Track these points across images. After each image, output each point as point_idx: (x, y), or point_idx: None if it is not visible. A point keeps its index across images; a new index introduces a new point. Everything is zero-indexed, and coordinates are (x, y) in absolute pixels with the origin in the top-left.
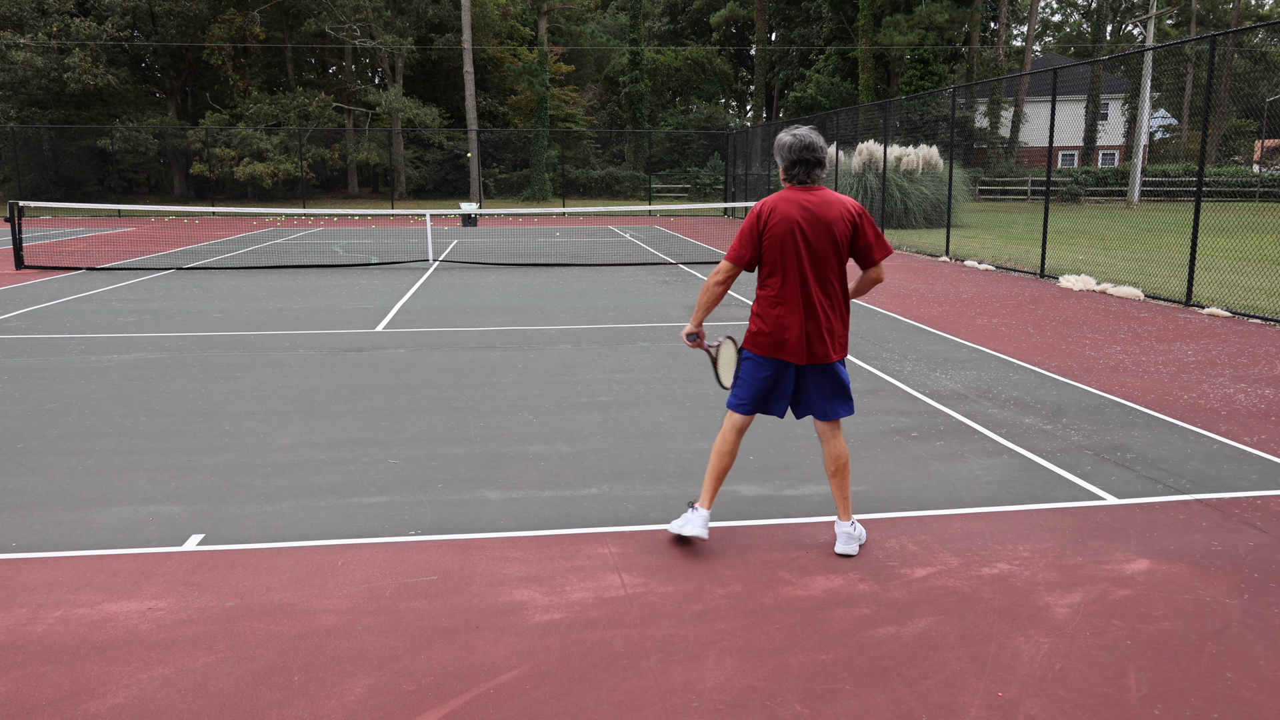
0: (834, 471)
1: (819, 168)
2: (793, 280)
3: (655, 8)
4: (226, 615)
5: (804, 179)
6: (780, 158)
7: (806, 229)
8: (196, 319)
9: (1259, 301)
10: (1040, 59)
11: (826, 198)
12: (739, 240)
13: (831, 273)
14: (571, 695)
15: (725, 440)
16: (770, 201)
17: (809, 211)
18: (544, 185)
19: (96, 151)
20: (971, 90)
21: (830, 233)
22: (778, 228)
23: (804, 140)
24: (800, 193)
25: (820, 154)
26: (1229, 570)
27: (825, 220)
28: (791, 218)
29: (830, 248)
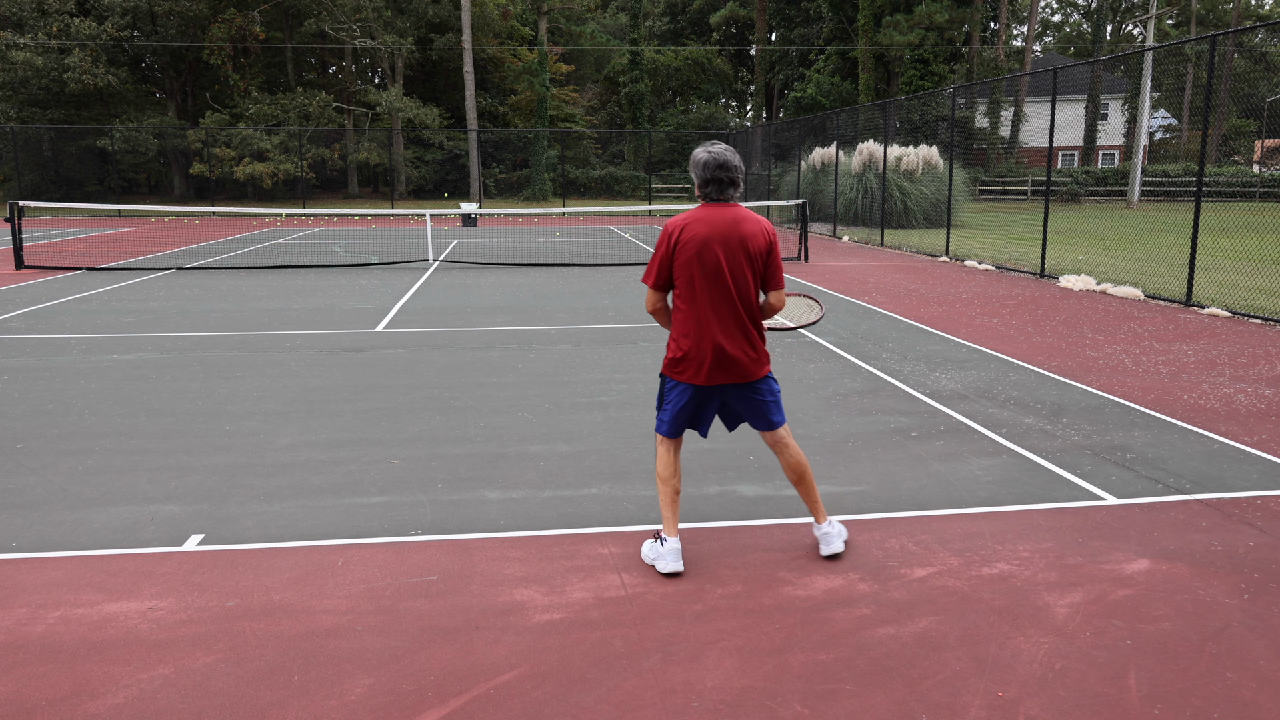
0: (796, 480)
1: (732, 187)
2: (705, 300)
3: (655, 8)
4: (226, 615)
5: (716, 197)
6: (694, 174)
7: (718, 248)
8: (196, 319)
9: (1259, 301)
10: (1040, 59)
11: (739, 215)
12: (651, 262)
13: (747, 290)
14: (571, 695)
15: (665, 464)
16: (680, 221)
17: (720, 230)
18: (544, 185)
19: (96, 151)
20: (971, 90)
21: (744, 250)
22: (688, 248)
23: (718, 159)
24: (712, 210)
25: (734, 174)
26: (1229, 570)
27: (738, 237)
28: (701, 237)
29: (744, 265)
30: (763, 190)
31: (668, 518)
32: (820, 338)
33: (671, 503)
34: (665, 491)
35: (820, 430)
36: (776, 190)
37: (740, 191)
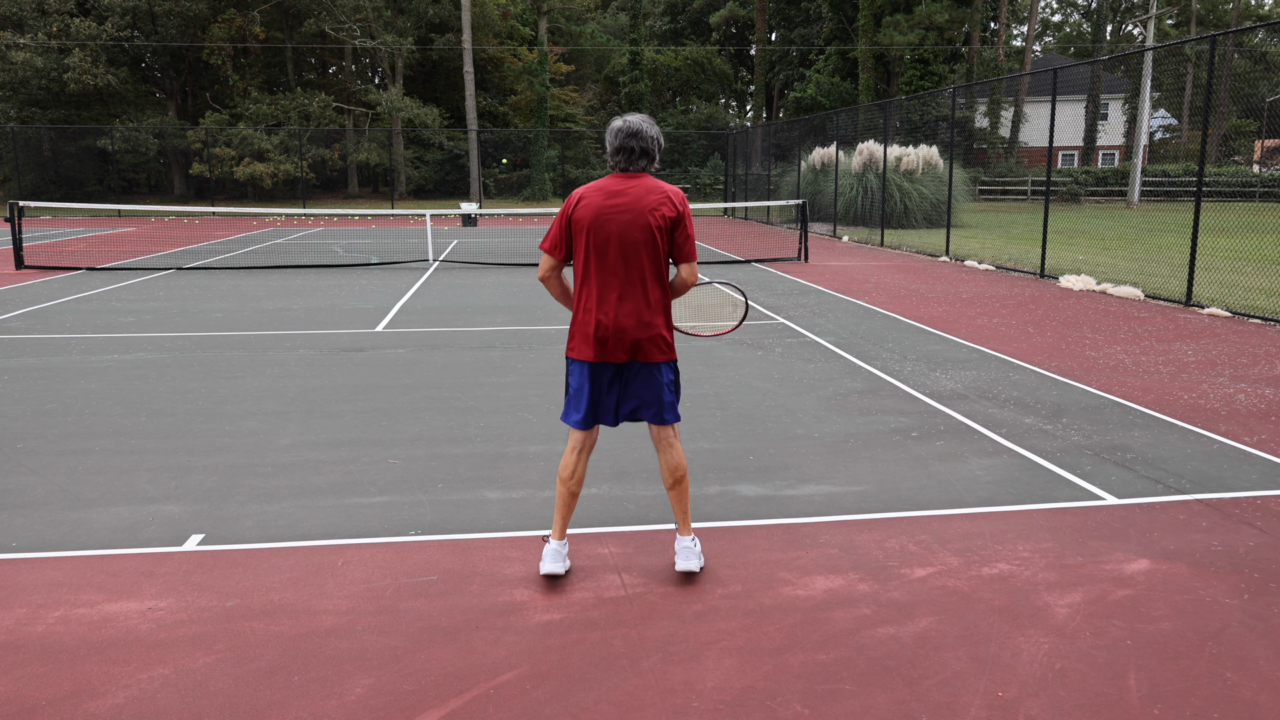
0: (671, 484)
1: (644, 158)
2: (601, 273)
3: (655, 8)
4: (226, 615)
5: (624, 167)
6: (607, 142)
7: (616, 218)
8: (196, 319)
9: (1259, 301)
10: (1040, 59)
11: (645, 185)
12: (551, 228)
13: (646, 265)
14: (571, 695)
15: (565, 462)
16: (582, 191)
17: (620, 200)
18: (544, 185)
19: (96, 151)
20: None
21: (645, 223)
22: (584, 217)
23: (631, 127)
24: (618, 180)
25: (646, 143)
26: (1229, 570)
27: (639, 209)
28: (598, 206)
29: (643, 238)
30: (763, 190)
31: (556, 520)
32: (820, 338)
33: (564, 505)
34: (561, 493)
35: (820, 430)
36: (776, 190)
37: (654, 163)
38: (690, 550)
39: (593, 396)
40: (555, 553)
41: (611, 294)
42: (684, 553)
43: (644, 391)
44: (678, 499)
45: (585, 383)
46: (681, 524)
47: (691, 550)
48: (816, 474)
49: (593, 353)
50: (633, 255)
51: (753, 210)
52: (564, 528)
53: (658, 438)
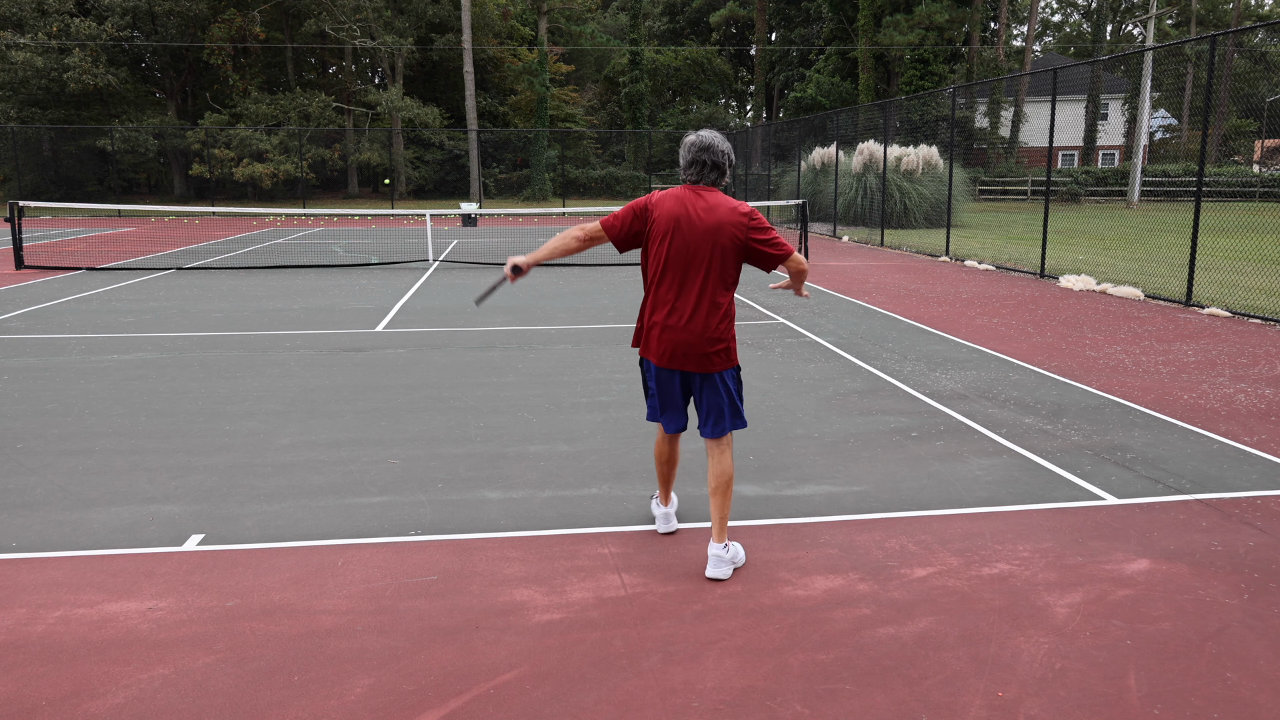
0: (715, 489)
1: (714, 171)
2: (672, 283)
3: (655, 8)
4: (226, 615)
5: (695, 179)
6: (681, 157)
7: (687, 231)
8: (196, 319)
9: (1259, 301)
10: (1040, 59)
11: (714, 201)
12: (621, 212)
13: (712, 279)
14: (571, 695)
15: (660, 450)
16: (658, 195)
17: (692, 214)
18: (544, 185)
19: (96, 151)
20: (971, 90)
21: (714, 239)
22: (660, 223)
23: (704, 142)
24: (690, 193)
25: (718, 158)
26: (1229, 570)
27: (708, 225)
28: (674, 215)
29: (711, 254)
30: (763, 190)
31: (661, 488)
32: (820, 337)
33: (664, 477)
34: (660, 471)
35: (820, 430)
36: (776, 190)
37: (725, 178)
38: (720, 558)
39: (664, 396)
40: (666, 515)
41: (678, 304)
42: (714, 560)
43: (708, 400)
44: (718, 505)
45: (659, 384)
46: (718, 530)
47: (722, 558)
48: (816, 474)
49: (661, 360)
50: (700, 269)
51: None
52: (668, 493)
53: (710, 446)
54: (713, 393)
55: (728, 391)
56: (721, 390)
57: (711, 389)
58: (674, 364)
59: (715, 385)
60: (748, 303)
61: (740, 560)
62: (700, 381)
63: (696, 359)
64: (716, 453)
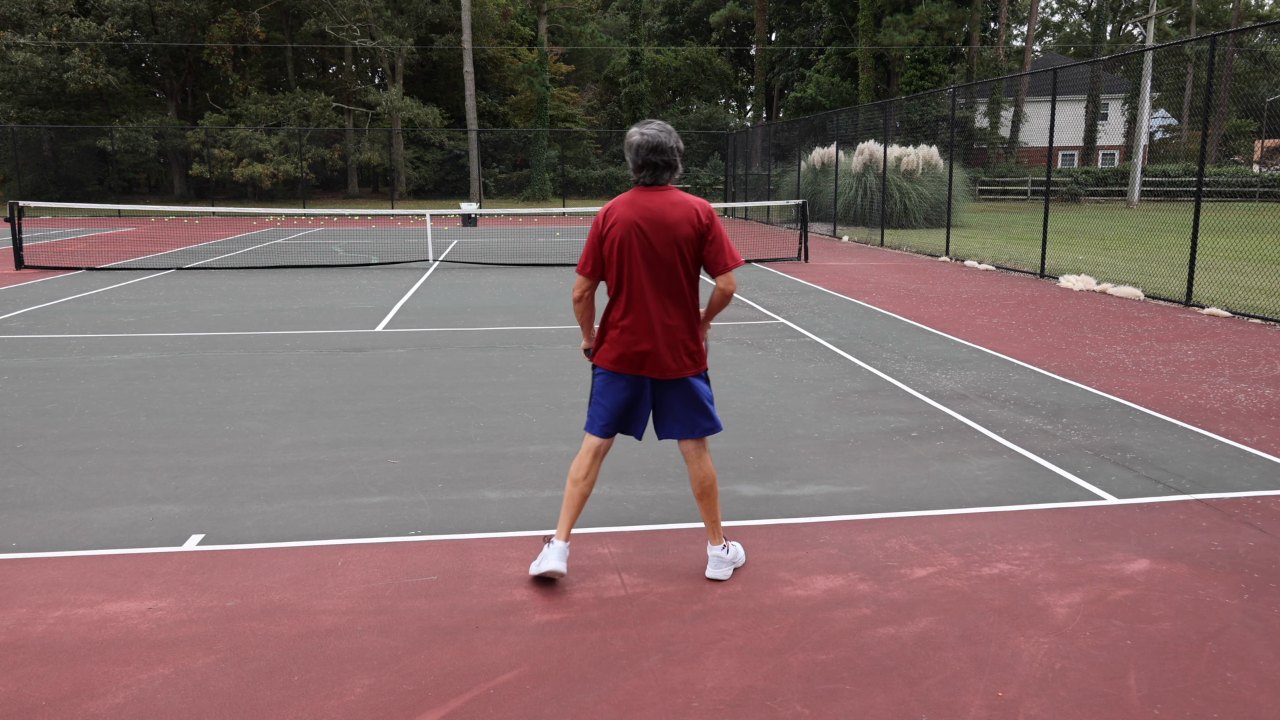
0: (700, 493)
1: (667, 171)
2: (634, 289)
3: (655, 8)
4: (226, 615)
5: (649, 182)
6: (628, 158)
7: (648, 234)
8: (196, 319)
9: (1259, 301)
10: (1040, 59)
11: (672, 199)
12: (585, 250)
13: (678, 281)
14: (571, 695)
15: (580, 465)
16: (610, 205)
17: (650, 215)
18: (544, 185)
19: (96, 151)
20: (971, 90)
21: (673, 237)
22: (615, 232)
23: (651, 141)
24: (644, 194)
25: (669, 156)
26: (1229, 570)
27: (667, 224)
28: (630, 222)
29: (674, 254)
30: (763, 190)
31: (564, 520)
32: (820, 337)
33: (573, 507)
34: (571, 493)
35: (820, 430)
36: (776, 190)
37: (678, 174)
38: (720, 559)
39: (621, 408)
40: (561, 551)
41: (643, 310)
42: (714, 561)
43: (677, 406)
44: (707, 509)
45: (610, 392)
46: (712, 533)
47: (722, 559)
48: (816, 474)
49: (625, 366)
50: (662, 271)
51: (753, 210)
52: (569, 529)
53: (686, 450)
54: (684, 397)
55: (698, 395)
56: (692, 395)
57: (681, 394)
58: (637, 370)
59: (685, 390)
60: (748, 303)
61: (740, 560)
62: (669, 387)
63: (665, 364)
64: (694, 457)
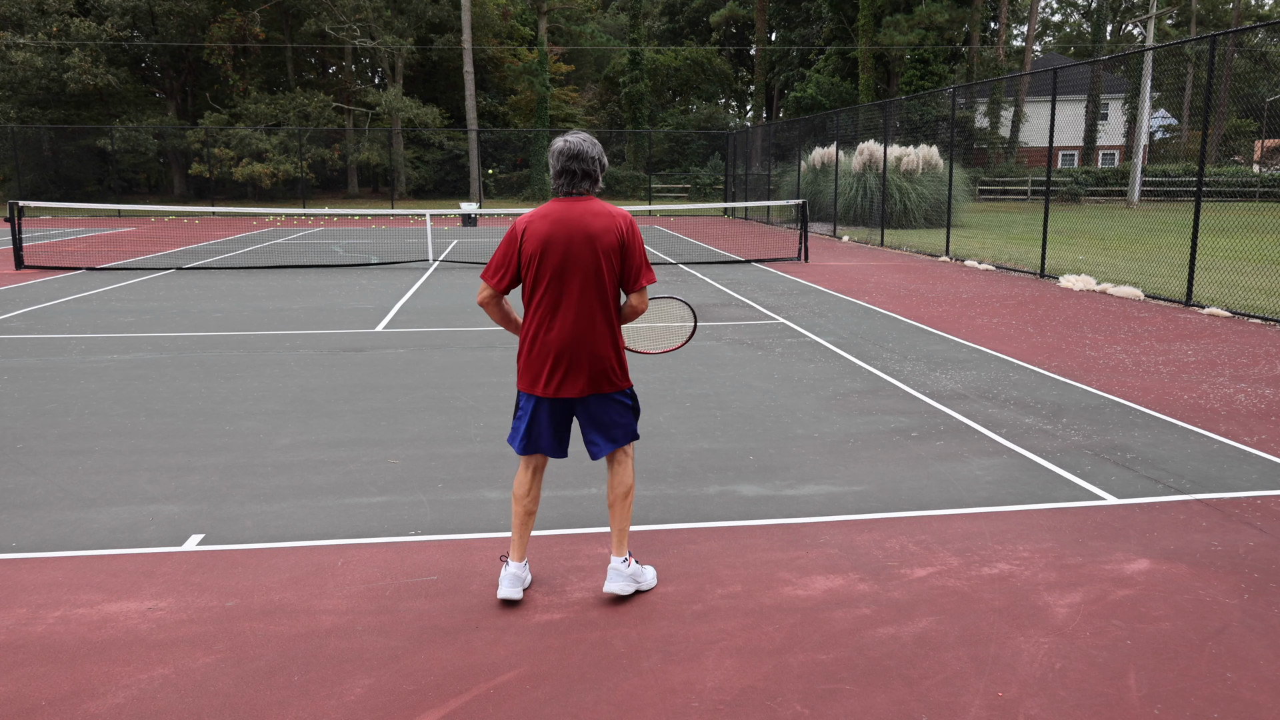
0: (614, 500)
1: (586, 180)
2: (552, 304)
3: (655, 7)
4: (226, 615)
5: (568, 190)
6: (549, 164)
7: (565, 246)
8: (196, 319)
9: (1259, 301)
10: (1040, 59)
11: (592, 209)
12: (495, 258)
13: (597, 293)
14: (571, 695)
15: (520, 480)
16: (527, 218)
17: (568, 226)
18: (544, 185)
19: (96, 151)
20: (971, 90)
21: (593, 248)
22: (531, 246)
23: (572, 149)
24: (564, 205)
25: (589, 165)
26: (1229, 570)
27: (587, 235)
28: (545, 235)
29: (593, 265)
30: (763, 190)
31: (515, 540)
32: (820, 337)
33: (521, 524)
34: (516, 511)
35: (820, 430)
36: (776, 190)
37: (597, 185)
38: (620, 572)
39: (541, 429)
40: (515, 576)
41: (561, 324)
42: (613, 574)
43: (601, 418)
44: (619, 517)
45: (533, 416)
46: (617, 543)
47: (621, 572)
48: (816, 474)
49: (543, 387)
50: (581, 283)
51: (753, 210)
52: (524, 548)
53: (610, 455)
54: (607, 411)
55: (622, 410)
56: (615, 409)
57: (603, 408)
58: (560, 390)
59: (607, 404)
60: (748, 302)
61: (646, 582)
62: (591, 402)
63: (585, 380)
64: (615, 463)
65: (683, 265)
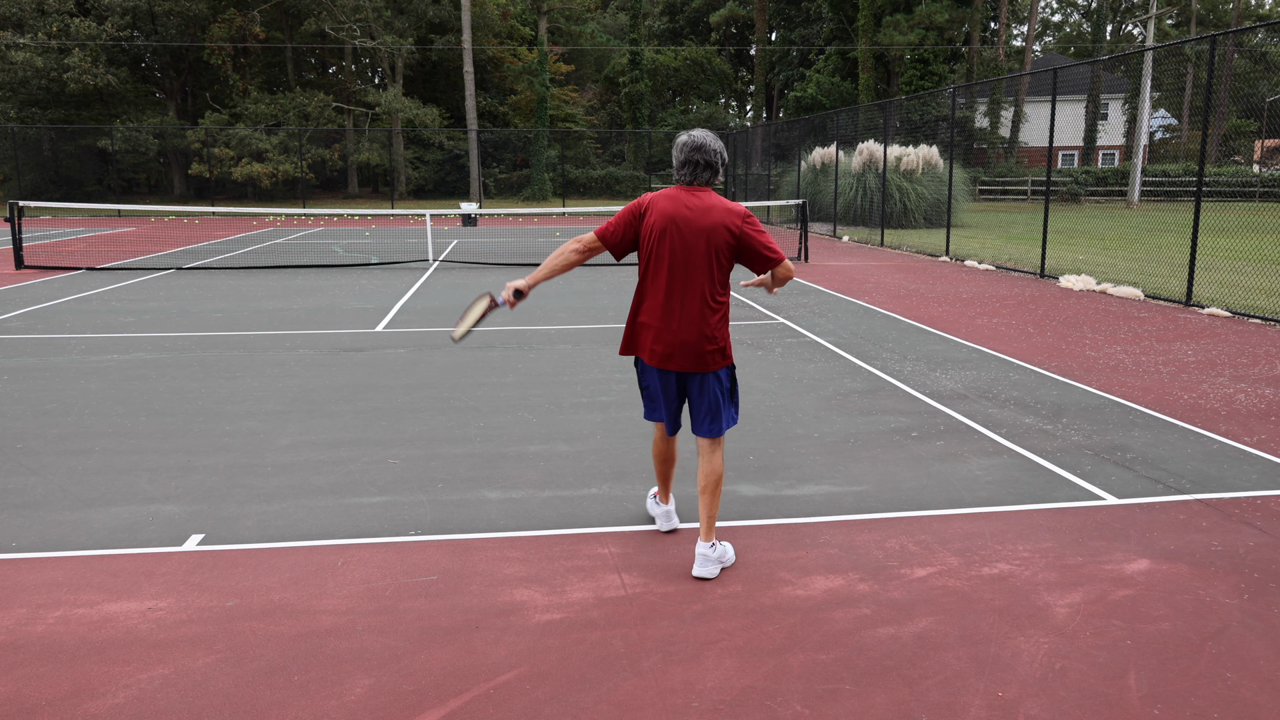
0: (704, 487)
1: (707, 170)
2: (665, 284)
3: (655, 7)
4: (226, 615)
5: (689, 180)
6: (674, 156)
7: (683, 230)
8: (196, 319)
9: (1259, 301)
10: (1040, 59)
11: (709, 202)
12: (615, 219)
13: (705, 279)
14: (571, 695)
15: (658, 449)
16: (651, 197)
17: (687, 214)
18: (544, 185)
19: (96, 151)
20: (971, 90)
21: (707, 239)
22: (655, 223)
23: (696, 141)
24: (684, 193)
25: (710, 157)
26: (1229, 570)
27: (703, 226)
28: (668, 216)
29: (705, 254)
30: (763, 190)
31: (660, 488)
32: (820, 337)
33: (662, 476)
34: (659, 469)
35: (820, 430)
36: (776, 190)
37: (718, 177)
38: (708, 557)
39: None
40: (667, 513)
41: (672, 305)
42: (701, 559)
43: (702, 401)
44: (707, 504)
45: (648, 382)
46: (706, 529)
47: (709, 557)
48: (816, 474)
49: (656, 359)
50: (695, 269)
51: (753, 210)
52: (668, 492)
53: (702, 446)
54: (709, 391)
55: (723, 390)
56: (717, 389)
57: (707, 388)
58: (669, 364)
59: (711, 384)
60: (747, 302)
61: (729, 560)
62: (697, 381)
63: (693, 359)
64: (708, 452)
65: None
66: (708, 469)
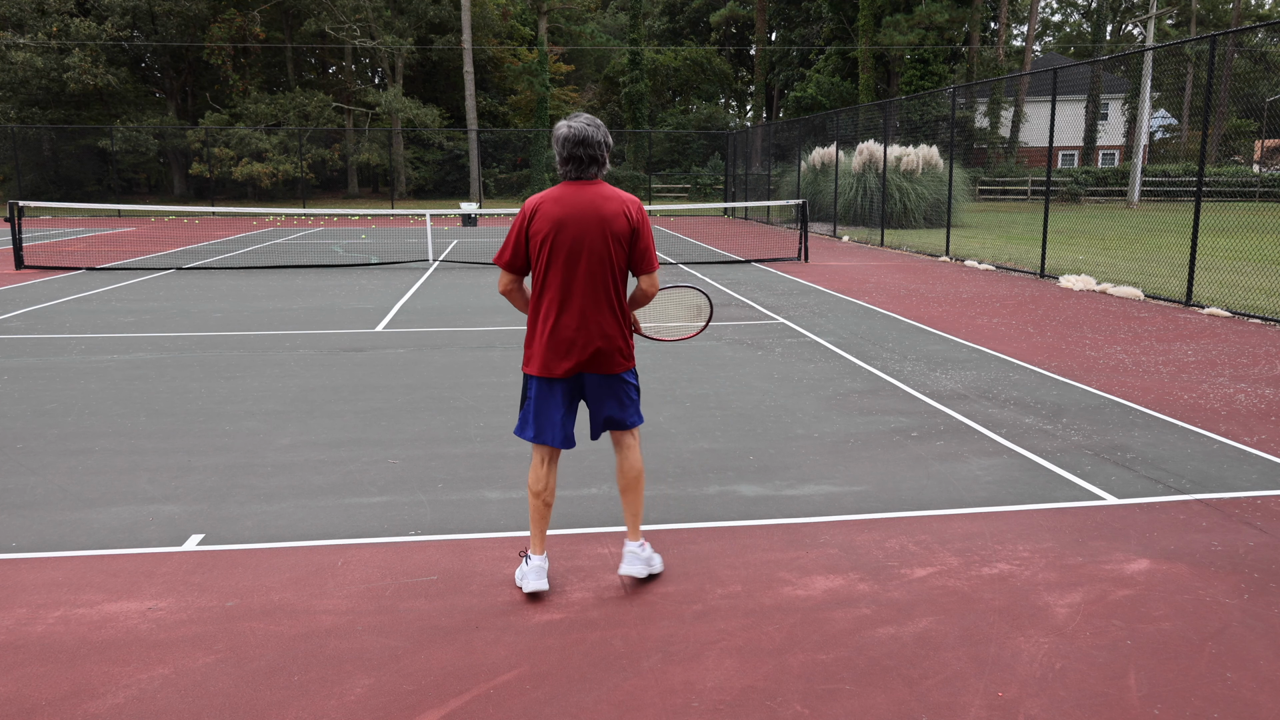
0: (626, 486)
1: (594, 165)
2: (560, 285)
3: (655, 8)
4: (226, 615)
5: (576, 175)
6: (555, 150)
7: (574, 229)
8: (196, 319)
9: (1259, 301)
10: (1040, 59)
11: (603, 193)
12: (507, 240)
13: (607, 275)
14: (571, 695)
15: (534, 474)
16: (538, 199)
17: (578, 210)
18: (544, 185)
19: (96, 151)
20: (971, 90)
21: (603, 232)
22: (541, 226)
23: (577, 134)
24: (573, 189)
25: (595, 150)
26: (1229, 570)
27: (598, 218)
28: (555, 217)
29: (603, 248)
30: (763, 190)
31: (534, 534)
32: (820, 337)
33: (540, 518)
34: (533, 505)
35: (820, 430)
36: (776, 190)
37: (604, 169)
38: (637, 555)
39: (545, 412)
40: (539, 569)
41: (571, 306)
42: (629, 557)
43: (608, 399)
44: (631, 503)
45: (538, 397)
46: (632, 528)
47: (638, 555)
48: (816, 474)
49: (549, 368)
50: (591, 266)
51: (753, 210)
52: (543, 541)
53: (618, 441)
54: (614, 391)
55: (629, 388)
56: (622, 388)
57: (612, 388)
58: (568, 370)
59: (616, 384)
60: (748, 302)
61: (657, 567)
62: (600, 382)
63: (595, 359)
64: (624, 448)
65: (683, 265)
66: (627, 465)
